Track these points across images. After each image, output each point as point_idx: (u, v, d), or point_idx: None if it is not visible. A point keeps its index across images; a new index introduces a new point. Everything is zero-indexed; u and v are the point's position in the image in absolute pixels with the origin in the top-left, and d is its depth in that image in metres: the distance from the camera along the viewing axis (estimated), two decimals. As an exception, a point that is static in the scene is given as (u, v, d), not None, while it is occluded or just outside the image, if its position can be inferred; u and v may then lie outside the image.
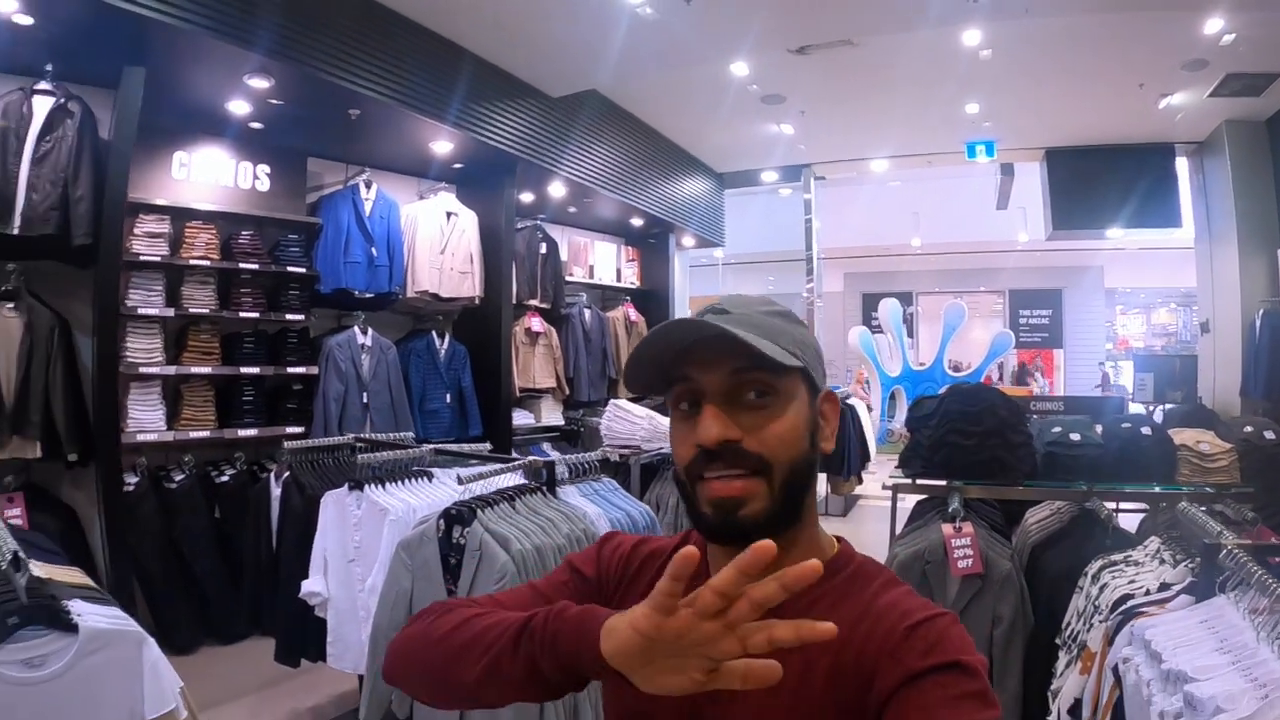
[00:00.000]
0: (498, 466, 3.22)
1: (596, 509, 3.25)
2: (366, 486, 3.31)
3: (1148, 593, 2.16)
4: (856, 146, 10.01)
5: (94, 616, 1.82)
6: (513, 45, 6.05)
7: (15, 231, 4.31)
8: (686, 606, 0.81)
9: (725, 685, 0.81)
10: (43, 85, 4.45)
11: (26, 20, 4.05)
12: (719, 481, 1.02)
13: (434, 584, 2.74)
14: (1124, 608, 2.11)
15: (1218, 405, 7.61)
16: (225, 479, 5.44)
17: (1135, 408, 8.71)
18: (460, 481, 2.98)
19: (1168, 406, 7.80)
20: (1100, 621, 2.24)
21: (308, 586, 3.50)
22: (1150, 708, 1.65)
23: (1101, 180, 9.20)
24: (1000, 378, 16.89)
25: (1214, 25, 5.88)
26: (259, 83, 4.91)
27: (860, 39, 6.23)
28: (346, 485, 3.38)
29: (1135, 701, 1.77)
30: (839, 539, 1.14)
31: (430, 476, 3.51)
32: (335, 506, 3.45)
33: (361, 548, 3.31)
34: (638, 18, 5.41)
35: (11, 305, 4.42)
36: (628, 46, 5.94)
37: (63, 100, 4.45)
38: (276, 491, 4.02)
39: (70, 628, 1.76)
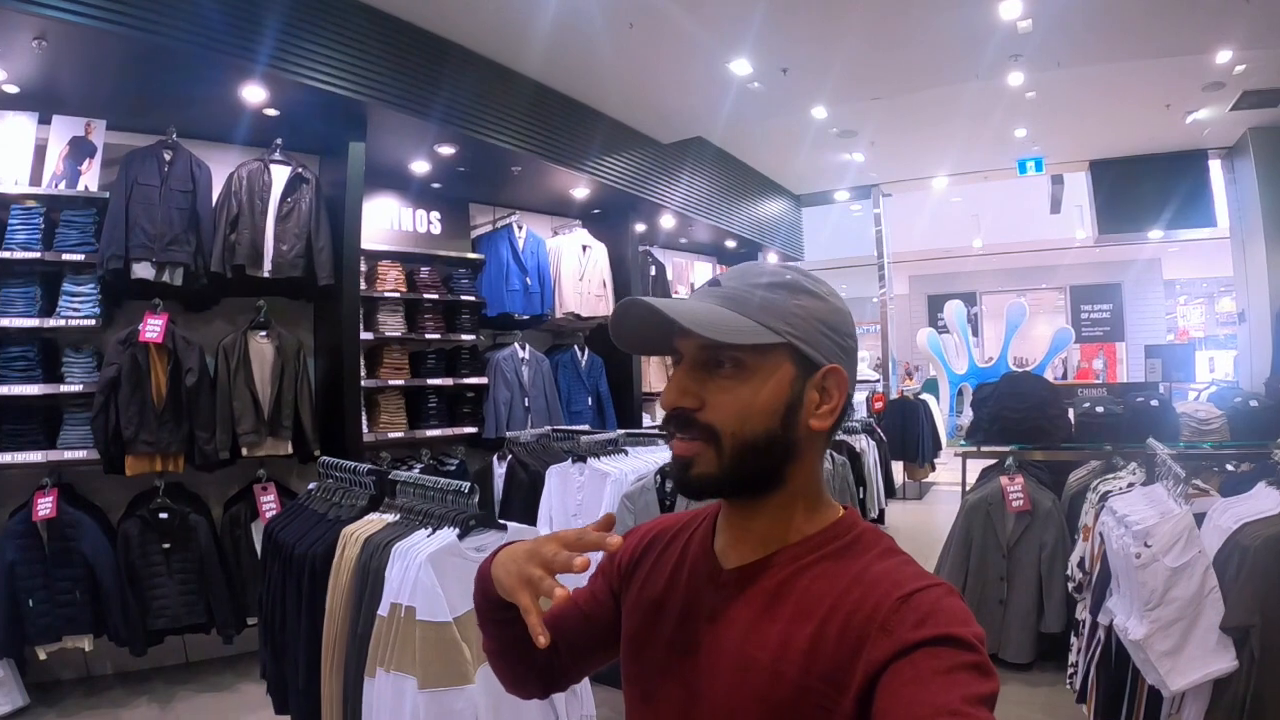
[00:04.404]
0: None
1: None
2: (588, 459, 4.55)
3: (1120, 489, 3.42)
4: (919, 168, 11.13)
5: (511, 524, 2.91)
6: (639, 108, 7.36)
7: (266, 274, 5.21)
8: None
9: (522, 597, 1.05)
10: (276, 156, 5.36)
11: (274, 113, 5.16)
12: (676, 440, 1.06)
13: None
14: (1107, 497, 3.37)
15: (1254, 389, 8.15)
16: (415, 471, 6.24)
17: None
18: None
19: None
20: (1093, 509, 3.50)
21: (535, 538, 4.66)
22: (1112, 539, 2.92)
23: (1142, 186, 10.06)
24: (1064, 375, 17.05)
25: (1224, 57, 6.77)
26: (445, 150, 6.15)
27: (922, 90, 7.39)
28: (570, 459, 4.61)
29: (1109, 544, 3.03)
30: (846, 508, 1.11)
31: (626, 452, 4.73)
32: (558, 476, 4.67)
33: (584, 504, 4.49)
34: (744, 88, 6.67)
35: (264, 333, 5.25)
36: (733, 106, 7.19)
37: (299, 170, 5.38)
38: (500, 470, 5.27)
39: (502, 528, 2.83)
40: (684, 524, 1.24)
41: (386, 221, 6.84)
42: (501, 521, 2.85)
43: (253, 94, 4.88)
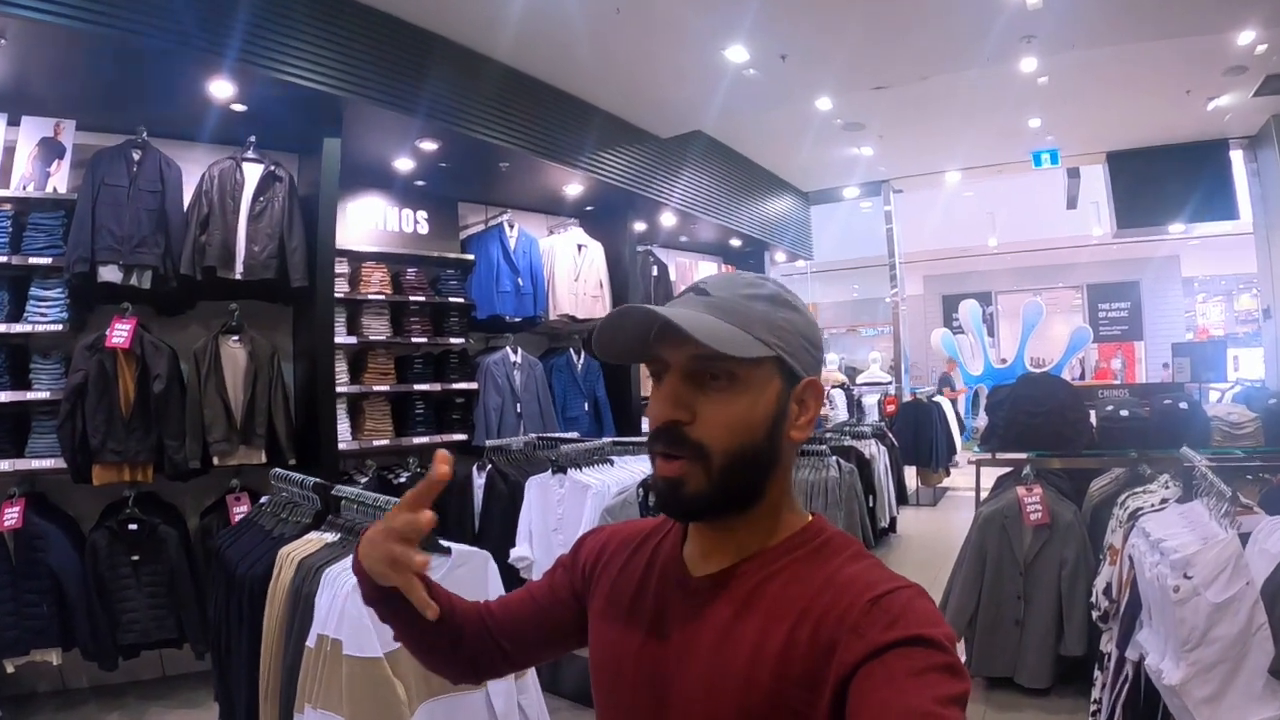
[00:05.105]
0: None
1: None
2: (569, 470, 4.26)
3: (1153, 506, 3.06)
4: (930, 162, 10.81)
5: (455, 546, 2.64)
6: (633, 100, 7.05)
7: (238, 276, 5.05)
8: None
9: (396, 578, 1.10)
10: (250, 154, 5.21)
11: (243, 108, 4.97)
12: (661, 460, 1.04)
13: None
14: (1137, 515, 3.01)
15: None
16: (402, 480, 6.14)
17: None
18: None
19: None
20: (1121, 528, 3.15)
21: (516, 553, 4.40)
22: (1144, 566, 2.57)
23: (1161, 178, 9.71)
24: (1082, 375, 16.69)
25: (1246, 38, 6.43)
26: (428, 145, 5.90)
27: (929, 76, 7.05)
28: (550, 470, 4.33)
29: (1140, 571, 2.68)
30: (814, 514, 1.11)
31: (611, 462, 4.45)
32: (538, 488, 4.41)
33: (564, 519, 4.24)
34: (741, 76, 6.35)
35: (236, 338, 5.06)
36: (730, 96, 6.86)
37: (272, 167, 5.22)
38: (479, 481, 4.99)
39: (446, 551, 2.56)
40: (651, 530, 1.24)
41: (371, 222, 6.59)
42: (444, 544, 2.57)
43: (223, 89, 4.71)
